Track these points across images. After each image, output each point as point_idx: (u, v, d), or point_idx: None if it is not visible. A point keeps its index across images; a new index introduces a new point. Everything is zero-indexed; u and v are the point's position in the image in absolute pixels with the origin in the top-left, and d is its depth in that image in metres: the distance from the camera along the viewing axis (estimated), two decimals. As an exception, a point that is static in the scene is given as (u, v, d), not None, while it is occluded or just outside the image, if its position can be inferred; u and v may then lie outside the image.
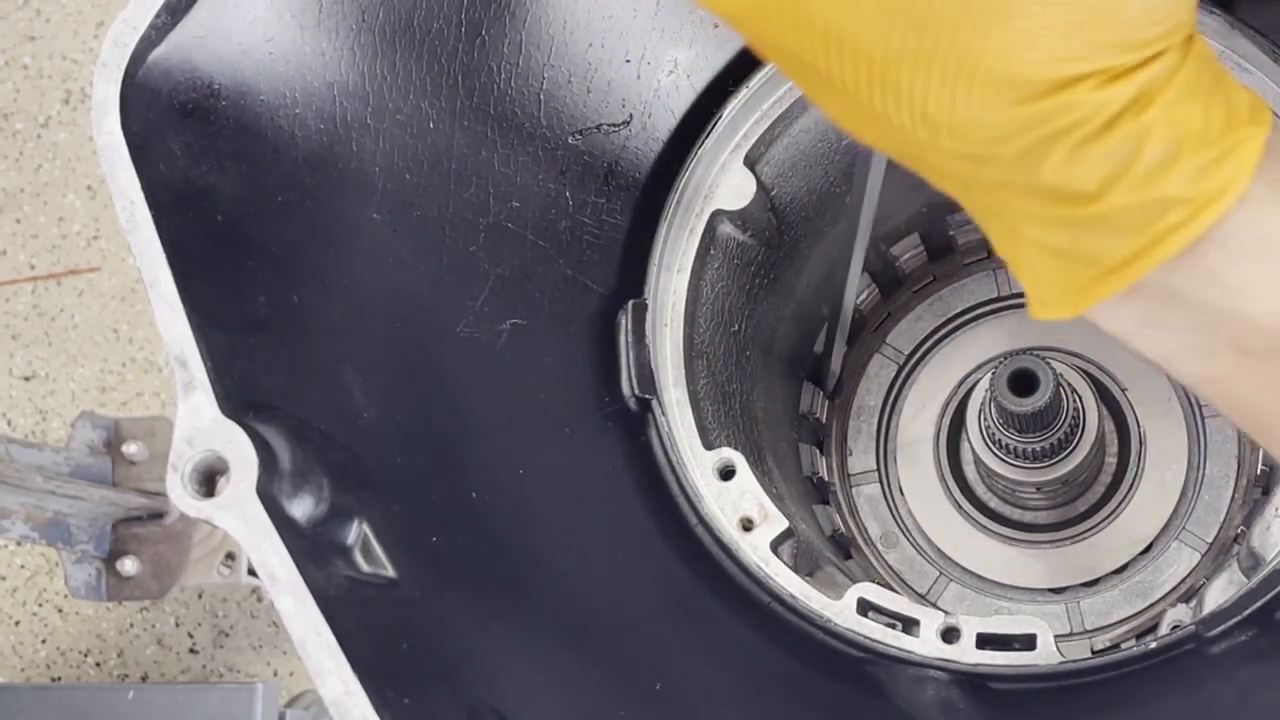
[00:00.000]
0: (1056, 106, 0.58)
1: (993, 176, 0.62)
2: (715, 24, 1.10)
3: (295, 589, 0.74)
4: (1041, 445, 1.22)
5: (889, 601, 1.00)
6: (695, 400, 1.08)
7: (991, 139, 0.60)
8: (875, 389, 1.39)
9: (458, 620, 0.88)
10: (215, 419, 0.78)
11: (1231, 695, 0.94)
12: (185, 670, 2.05)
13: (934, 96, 0.60)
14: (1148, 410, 1.33)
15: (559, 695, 0.90)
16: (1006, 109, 0.59)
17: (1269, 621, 0.94)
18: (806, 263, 1.24)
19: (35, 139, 2.29)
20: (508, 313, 1.03)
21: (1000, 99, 0.59)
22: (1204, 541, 1.29)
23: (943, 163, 0.63)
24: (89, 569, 1.74)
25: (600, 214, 1.08)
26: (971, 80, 0.59)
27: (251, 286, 0.89)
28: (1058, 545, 1.33)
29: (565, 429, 1.04)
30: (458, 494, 0.95)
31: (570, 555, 0.99)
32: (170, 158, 0.87)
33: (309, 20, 0.94)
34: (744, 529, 1.03)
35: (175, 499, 0.76)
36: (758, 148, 1.12)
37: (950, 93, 0.59)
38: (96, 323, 2.21)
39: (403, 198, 0.99)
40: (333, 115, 0.96)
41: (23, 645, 2.09)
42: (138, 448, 1.82)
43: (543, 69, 1.05)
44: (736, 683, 0.98)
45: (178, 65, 0.88)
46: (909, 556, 1.35)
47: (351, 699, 0.73)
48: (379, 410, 0.92)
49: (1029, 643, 0.98)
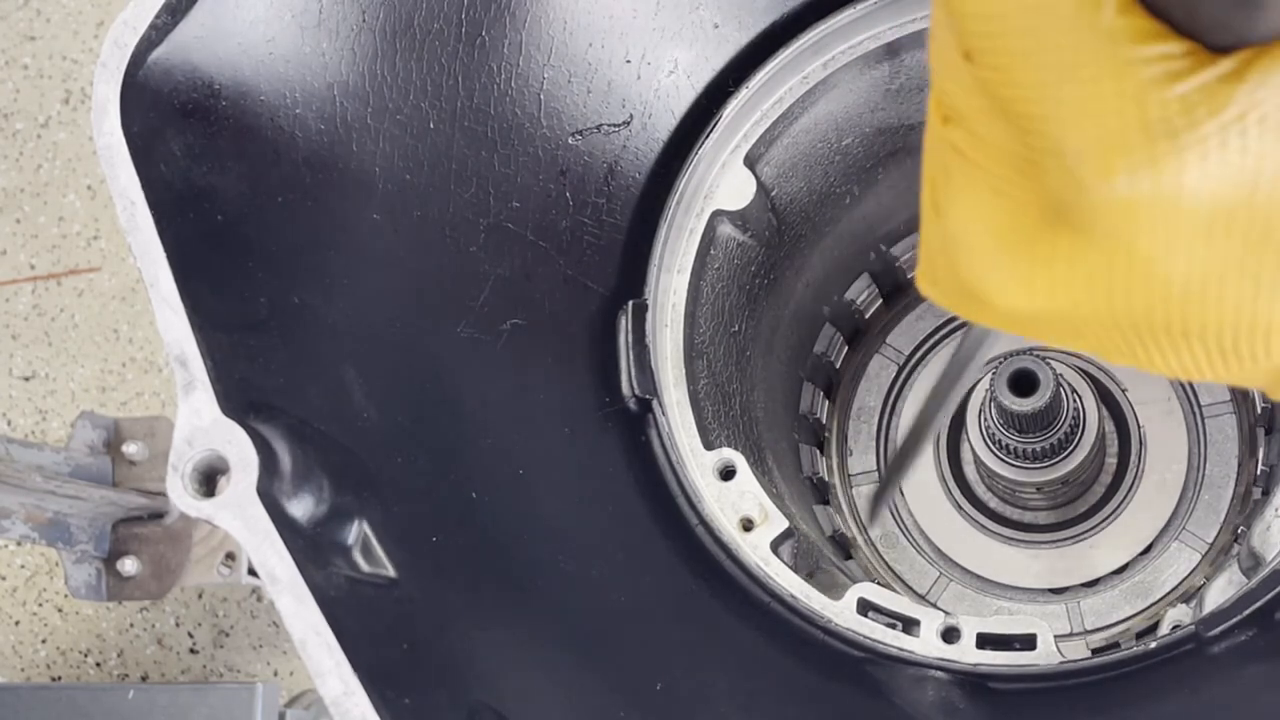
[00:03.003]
0: None
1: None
2: (715, 24, 1.10)
3: (295, 589, 0.74)
4: (1042, 445, 1.22)
5: (889, 601, 1.00)
6: (695, 400, 1.08)
7: None
8: (875, 389, 1.39)
9: (458, 620, 0.88)
10: (215, 419, 0.78)
11: (1231, 695, 0.94)
12: (185, 670, 2.05)
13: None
14: (1148, 410, 1.33)
15: (559, 695, 0.90)
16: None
17: (1269, 621, 0.93)
18: (807, 263, 1.25)
19: (35, 139, 2.29)
20: (508, 313, 1.03)
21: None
22: (1204, 541, 1.29)
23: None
24: (89, 569, 1.74)
25: (600, 214, 1.08)
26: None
27: (251, 286, 0.89)
28: (1058, 545, 1.33)
29: (565, 429, 1.04)
30: (458, 494, 0.95)
31: (570, 555, 0.99)
32: (170, 158, 0.87)
33: (309, 20, 0.94)
34: (744, 529, 1.03)
35: (175, 499, 0.76)
36: (758, 148, 1.12)
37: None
38: (96, 323, 2.21)
39: (403, 198, 0.99)
40: (333, 115, 0.96)
41: (23, 645, 2.09)
42: (138, 448, 1.82)
43: (543, 69, 1.05)
44: (736, 683, 0.98)
45: (178, 65, 0.88)
46: (909, 556, 1.35)
47: (351, 699, 0.73)
48: (379, 410, 0.92)
49: (1029, 643, 0.98)
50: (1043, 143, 0.55)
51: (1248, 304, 0.55)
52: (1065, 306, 0.57)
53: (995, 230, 0.58)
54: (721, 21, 1.10)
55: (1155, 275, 0.55)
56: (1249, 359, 0.57)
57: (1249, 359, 0.57)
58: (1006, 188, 0.57)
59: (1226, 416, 1.32)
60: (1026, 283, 0.58)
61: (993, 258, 0.58)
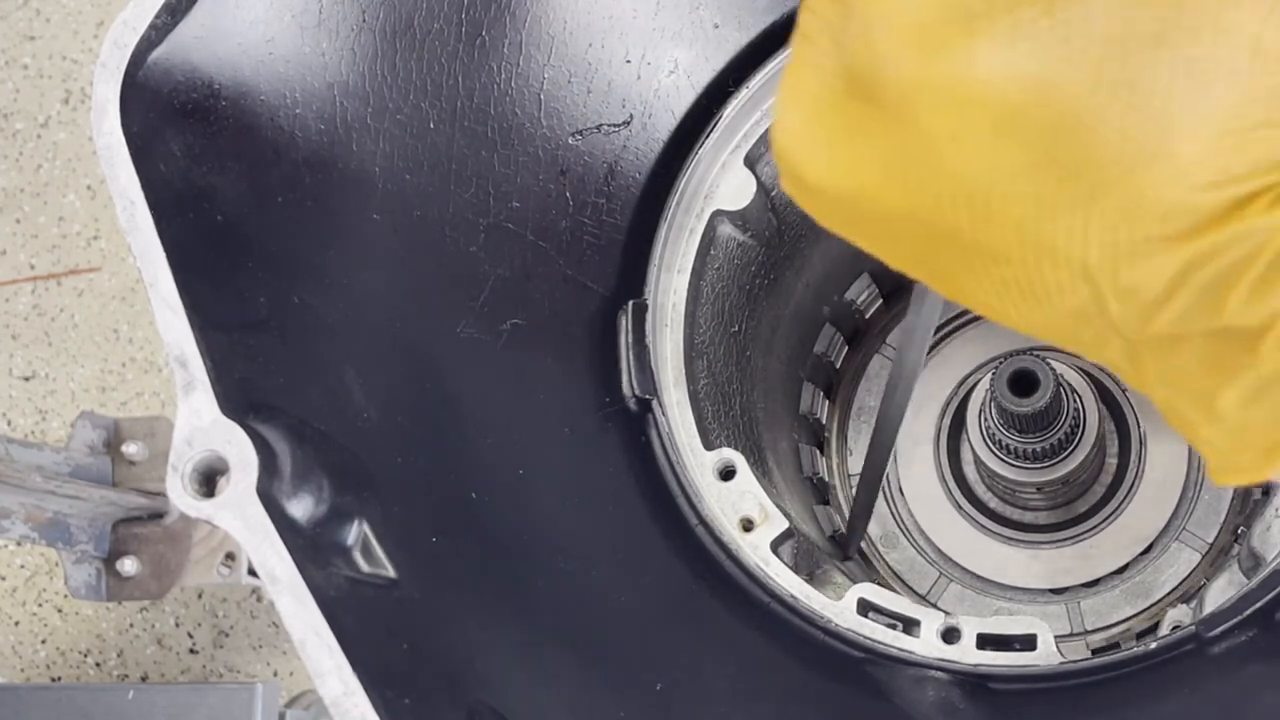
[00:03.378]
0: (1231, 236, 0.53)
1: (1166, 327, 0.55)
2: (715, 24, 1.10)
3: (295, 589, 0.74)
4: (1042, 446, 1.22)
5: (889, 602, 1.00)
6: (695, 400, 1.08)
7: (1165, 283, 0.54)
8: (875, 389, 1.39)
9: (458, 620, 0.88)
10: (215, 419, 0.78)
11: (1232, 695, 0.94)
12: (185, 670, 2.05)
13: (1095, 246, 0.54)
14: (1148, 410, 1.33)
15: (559, 695, 0.90)
16: (1176, 245, 0.53)
17: (1269, 622, 0.93)
18: (807, 263, 1.24)
19: (35, 139, 2.29)
20: (508, 313, 1.03)
21: (1168, 234, 0.53)
22: (1204, 541, 1.29)
23: (1105, 328, 0.57)
24: (89, 569, 1.74)
25: (600, 214, 1.08)
26: (1136, 218, 0.53)
27: (251, 286, 0.89)
28: (1058, 545, 1.33)
29: (565, 429, 1.04)
30: (458, 494, 0.95)
31: (570, 555, 0.99)
32: (170, 158, 0.87)
33: (309, 20, 0.94)
34: (744, 529, 1.03)
35: (175, 499, 0.76)
36: (758, 148, 1.12)
37: (1114, 237, 0.54)
38: (96, 323, 2.20)
39: (403, 198, 0.99)
40: (333, 115, 0.96)
41: (23, 645, 2.09)
42: (138, 448, 1.82)
43: (543, 69, 1.05)
44: (736, 683, 0.98)
45: (178, 65, 0.88)
46: (909, 556, 1.35)
47: (351, 699, 0.73)
48: (379, 410, 0.92)
49: (1029, 643, 0.98)
50: (853, 10, 0.56)
51: (1030, 222, 0.55)
52: (867, 190, 0.58)
53: (807, 100, 0.59)
54: (721, 21, 1.10)
55: (944, 168, 0.55)
56: (1043, 295, 0.57)
57: (1043, 295, 0.57)
58: (822, 59, 0.59)
59: (1227, 416, 1.32)
60: (829, 155, 0.59)
61: (804, 129, 0.60)
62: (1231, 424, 0.58)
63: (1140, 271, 0.54)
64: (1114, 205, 0.53)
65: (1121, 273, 0.54)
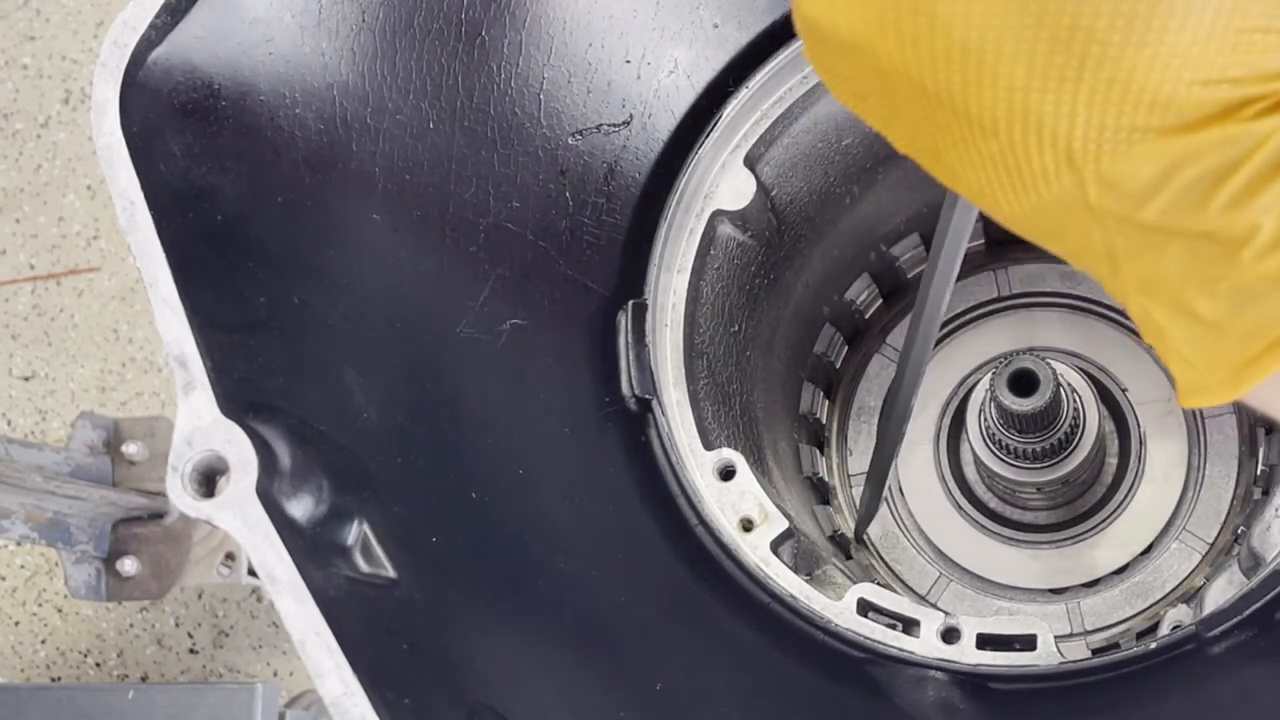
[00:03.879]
0: (1218, 138, 0.52)
1: (1145, 224, 0.54)
2: (715, 24, 1.10)
3: (295, 589, 0.74)
4: (1042, 446, 1.22)
5: (889, 602, 1.00)
6: (695, 400, 1.08)
7: (1146, 178, 0.53)
8: (875, 389, 1.39)
9: (458, 620, 0.88)
10: (215, 419, 0.78)
11: (1231, 695, 0.94)
12: (185, 670, 2.05)
13: (1080, 126, 0.53)
14: (1148, 410, 1.33)
15: (559, 695, 0.90)
16: (1161, 140, 0.52)
17: (1269, 622, 0.93)
18: (807, 263, 1.24)
19: (35, 139, 2.29)
20: (508, 313, 1.03)
21: (1154, 126, 0.52)
22: (1204, 541, 1.29)
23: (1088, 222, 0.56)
24: (89, 569, 1.74)
25: (600, 214, 1.08)
26: (1123, 102, 0.52)
27: (251, 286, 0.89)
28: (1058, 545, 1.33)
29: (565, 429, 1.04)
30: (458, 494, 0.95)
31: (570, 555, 0.99)
32: (170, 158, 0.87)
33: (309, 20, 0.94)
34: (744, 529, 1.03)
35: (175, 499, 0.76)
36: (758, 148, 1.12)
37: (1099, 119, 0.52)
38: (96, 323, 2.20)
39: (403, 198, 0.99)
40: (333, 115, 0.96)
41: (23, 645, 2.09)
42: (138, 448, 1.82)
43: (543, 69, 1.05)
44: (736, 683, 0.98)
45: (178, 65, 0.88)
46: (909, 556, 1.35)
47: (351, 699, 0.73)
48: (379, 410, 0.92)
49: (1029, 643, 0.98)
50: None
51: (1019, 91, 0.54)
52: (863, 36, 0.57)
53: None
54: (721, 21, 1.10)
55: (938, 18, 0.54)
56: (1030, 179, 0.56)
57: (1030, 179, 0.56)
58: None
59: (1227, 416, 1.32)
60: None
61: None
62: (1206, 336, 0.56)
63: (1122, 162, 0.53)
64: (1102, 83, 0.52)
65: (1104, 160, 0.53)
